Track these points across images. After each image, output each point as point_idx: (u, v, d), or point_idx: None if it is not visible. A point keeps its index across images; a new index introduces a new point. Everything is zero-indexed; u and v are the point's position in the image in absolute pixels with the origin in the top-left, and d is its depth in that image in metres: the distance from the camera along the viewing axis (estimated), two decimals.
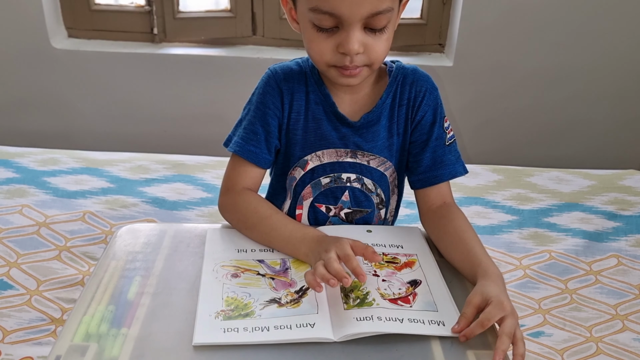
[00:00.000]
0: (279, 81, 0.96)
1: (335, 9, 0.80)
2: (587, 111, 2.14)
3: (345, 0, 0.79)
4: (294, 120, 0.97)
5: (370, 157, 0.98)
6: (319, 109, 0.96)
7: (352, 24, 0.82)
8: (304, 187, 1.00)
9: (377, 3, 0.80)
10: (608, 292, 1.20)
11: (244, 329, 0.73)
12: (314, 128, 0.97)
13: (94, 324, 0.75)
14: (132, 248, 0.91)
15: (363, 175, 0.99)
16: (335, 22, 0.82)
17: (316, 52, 0.87)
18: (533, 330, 1.10)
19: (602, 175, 1.62)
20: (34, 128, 2.20)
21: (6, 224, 1.31)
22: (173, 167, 1.61)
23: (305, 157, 0.98)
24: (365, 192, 1.00)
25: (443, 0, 2.06)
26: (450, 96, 2.11)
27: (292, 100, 0.96)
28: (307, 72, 0.97)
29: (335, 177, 0.98)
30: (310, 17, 0.84)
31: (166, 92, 2.14)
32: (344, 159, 0.97)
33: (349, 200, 1.00)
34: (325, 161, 0.98)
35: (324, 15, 0.82)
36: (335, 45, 0.84)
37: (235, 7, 2.07)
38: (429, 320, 0.75)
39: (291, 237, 0.89)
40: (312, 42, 0.86)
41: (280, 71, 0.97)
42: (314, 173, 0.99)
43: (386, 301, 0.78)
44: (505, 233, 1.39)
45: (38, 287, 1.14)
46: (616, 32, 1.99)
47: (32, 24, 2.00)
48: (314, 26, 0.84)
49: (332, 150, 0.97)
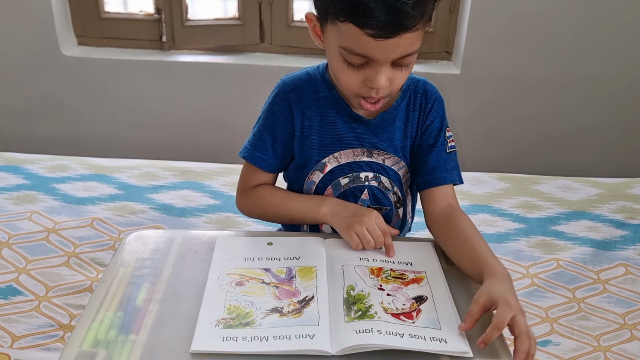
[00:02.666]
0: (287, 91, 1.00)
1: (368, 53, 0.83)
2: (595, 119, 2.13)
3: (378, 48, 0.81)
4: (308, 126, 1.00)
5: (385, 156, 1.01)
6: (332, 112, 0.99)
7: (382, 64, 0.85)
8: (325, 189, 1.02)
9: (409, 48, 0.83)
10: (616, 301, 1.19)
11: (243, 338, 0.73)
12: (330, 131, 1.00)
13: (103, 330, 0.75)
14: (140, 255, 0.92)
15: (380, 174, 1.02)
16: (366, 60, 0.85)
17: (344, 82, 0.90)
18: (541, 339, 1.09)
19: (610, 184, 1.62)
20: (44, 134, 2.21)
21: (15, 229, 1.32)
22: (181, 174, 1.62)
23: (323, 160, 1.01)
24: (382, 190, 1.03)
25: (450, 8, 2.06)
26: (458, 104, 2.11)
27: (303, 108, 0.99)
28: (318, 80, 1.00)
29: (353, 176, 1.01)
30: (341, 51, 0.86)
31: (175, 99, 2.15)
32: (361, 158, 1.00)
33: (369, 198, 1.03)
34: (343, 162, 1.01)
35: (357, 56, 0.84)
36: (363, 79, 0.87)
37: (243, 15, 2.09)
38: (430, 337, 0.74)
39: (309, 205, 0.99)
40: (341, 73, 0.89)
41: (289, 82, 1.01)
42: (333, 174, 1.01)
43: (388, 315, 0.78)
44: (512, 241, 1.38)
45: (47, 293, 1.15)
46: (623, 39, 1.99)
47: (43, 31, 2.02)
48: (344, 61, 0.87)
49: (349, 150, 1.00)
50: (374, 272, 0.87)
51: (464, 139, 2.18)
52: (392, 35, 0.80)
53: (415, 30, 0.81)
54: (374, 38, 0.80)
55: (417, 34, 0.83)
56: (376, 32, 0.79)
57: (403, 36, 0.80)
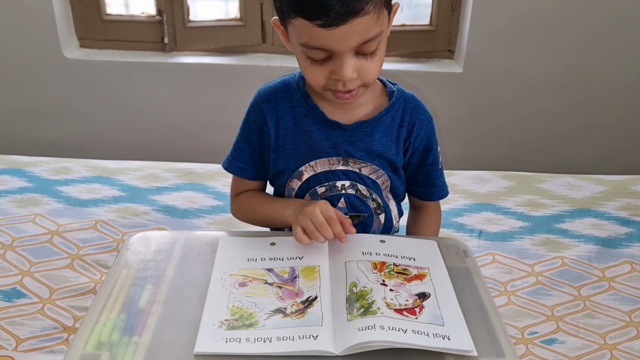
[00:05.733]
0: (261, 102, 1.00)
1: (324, 44, 0.82)
2: (599, 116, 2.12)
3: (332, 37, 0.80)
4: (283, 136, 0.99)
5: (361, 165, 0.99)
6: (307, 121, 0.98)
7: (343, 54, 0.83)
8: (303, 197, 1.02)
9: (365, 33, 0.81)
10: (622, 299, 1.19)
11: (246, 340, 0.73)
12: (305, 139, 0.99)
13: (106, 333, 0.75)
14: (143, 256, 0.92)
15: (356, 182, 1.01)
16: (327, 54, 0.84)
17: (311, 79, 0.90)
18: (546, 338, 1.09)
19: (614, 181, 1.61)
20: (46, 137, 2.22)
21: (19, 232, 1.33)
22: (184, 175, 1.62)
23: (300, 169, 1.00)
24: (360, 197, 1.02)
25: (452, 6, 2.06)
26: (460, 102, 2.11)
27: (277, 117, 0.99)
28: (293, 88, 1.00)
29: (330, 185, 1.00)
30: (305, 51, 0.86)
31: (177, 100, 2.15)
32: (337, 167, 0.99)
33: (345, 206, 1.02)
34: (319, 170, 1.00)
35: (316, 50, 0.84)
36: (329, 72, 0.86)
37: (245, 16, 2.09)
38: (433, 334, 0.74)
39: (278, 209, 1.00)
40: (307, 70, 0.89)
41: (263, 92, 1.01)
42: (310, 183, 1.01)
43: (391, 310, 0.77)
44: (516, 239, 1.38)
45: (51, 295, 1.15)
46: (626, 37, 1.98)
47: (45, 34, 2.02)
48: (307, 58, 0.86)
49: (324, 159, 0.99)
50: (376, 267, 0.87)
51: (467, 138, 2.17)
52: (342, 23, 0.79)
53: (366, 14, 0.79)
54: (325, 28, 0.79)
55: (371, 18, 0.80)
56: (325, 21, 0.79)
57: (354, 22, 0.79)
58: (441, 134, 1.60)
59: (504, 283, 1.23)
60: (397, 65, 2.10)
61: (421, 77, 2.07)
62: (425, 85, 2.06)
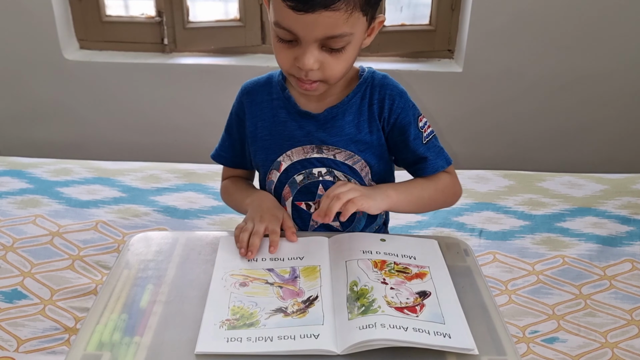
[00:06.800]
0: (242, 95, 1.07)
1: (291, 27, 0.85)
2: (599, 115, 2.12)
3: (299, 22, 0.83)
4: (261, 127, 1.03)
5: (335, 151, 1.01)
6: (283, 112, 1.02)
7: (308, 42, 0.86)
8: (282, 188, 1.04)
9: (331, 29, 0.83)
10: (623, 297, 1.19)
11: (248, 339, 0.73)
12: (280, 130, 1.02)
13: (107, 333, 0.75)
14: (144, 256, 0.92)
15: (332, 169, 1.02)
16: (294, 37, 0.86)
17: (278, 60, 0.92)
18: (547, 336, 1.09)
19: (615, 180, 1.61)
20: (47, 138, 2.22)
21: (20, 234, 1.33)
22: (184, 176, 1.62)
23: (278, 159, 1.03)
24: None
25: (452, 6, 2.06)
26: (460, 102, 2.11)
27: (256, 110, 1.04)
28: (274, 82, 1.04)
29: (307, 173, 1.02)
30: (274, 29, 0.88)
31: (177, 101, 2.15)
32: (311, 155, 1.01)
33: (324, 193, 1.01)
34: (295, 159, 1.02)
35: (283, 30, 0.86)
36: (293, 57, 0.89)
37: (244, 17, 2.09)
38: (434, 332, 0.74)
39: (241, 198, 1.06)
40: (275, 50, 0.91)
41: (246, 85, 1.07)
42: (288, 172, 1.03)
43: (392, 309, 0.77)
44: (517, 238, 1.38)
45: (52, 296, 1.15)
46: (626, 35, 1.98)
47: (45, 35, 2.02)
48: (276, 37, 0.89)
49: (299, 148, 1.01)
50: (377, 265, 0.87)
51: (466, 137, 2.17)
52: (310, 10, 0.81)
53: (336, 10, 0.81)
54: (294, 11, 0.81)
55: (341, 15, 0.82)
56: (295, 4, 0.81)
57: (323, 13, 0.81)
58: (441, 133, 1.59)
59: (505, 282, 1.23)
60: (397, 65, 2.10)
61: (421, 76, 2.07)
62: (425, 85, 2.06)
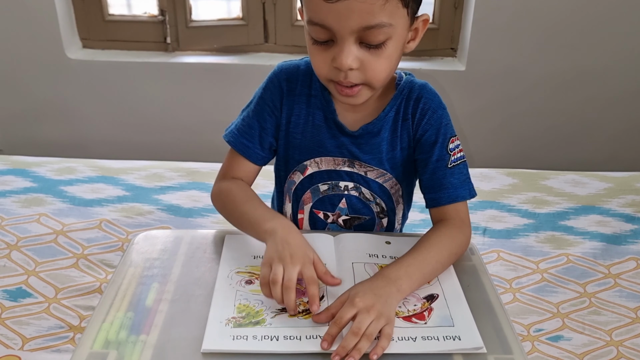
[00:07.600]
0: (282, 80, 0.96)
1: (324, 21, 0.78)
2: (602, 113, 2.12)
3: (332, 12, 0.76)
4: (294, 123, 0.96)
5: (367, 169, 0.96)
6: (319, 115, 0.95)
7: (344, 37, 0.79)
8: (304, 192, 1.00)
9: (366, 17, 0.76)
10: (627, 295, 1.19)
11: (254, 337, 0.73)
12: (313, 134, 0.96)
13: (113, 331, 0.75)
14: (149, 255, 0.92)
15: (360, 185, 0.97)
16: (330, 35, 0.80)
17: (315, 65, 0.86)
18: (552, 335, 1.09)
19: (619, 178, 1.61)
20: (50, 137, 2.22)
21: (24, 232, 1.33)
22: (188, 174, 1.62)
23: (305, 162, 0.97)
24: (363, 200, 0.99)
25: (455, 4, 2.06)
26: (463, 100, 2.11)
27: (293, 102, 0.95)
28: (314, 73, 0.93)
29: (333, 184, 0.98)
30: (308, 29, 0.82)
31: (180, 100, 2.15)
32: (341, 168, 0.96)
33: (346, 207, 1.00)
34: (323, 168, 0.97)
35: (317, 27, 0.79)
36: (331, 59, 0.82)
37: (247, 15, 2.09)
38: (444, 336, 0.74)
39: (259, 218, 0.88)
40: (311, 54, 0.85)
41: (285, 69, 0.97)
42: (313, 179, 0.98)
43: (400, 319, 0.77)
44: (521, 237, 1.37)
45: (56, 294, 1.15)
46: (630, 33, 1.98)
47: (47, 34, 2.03)
48: (311, 39, 0.83)
49: (329, 158, 0.96)
50: None
51: (470, 136, 2.17)
52: None
53: None
54: (325, 0, 0.76)
55: (377, 2, 0.75)
56: None
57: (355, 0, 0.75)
58: None
59: (509, 280, 1.23)
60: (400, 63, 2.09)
61: (424, 75, 2.06)
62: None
